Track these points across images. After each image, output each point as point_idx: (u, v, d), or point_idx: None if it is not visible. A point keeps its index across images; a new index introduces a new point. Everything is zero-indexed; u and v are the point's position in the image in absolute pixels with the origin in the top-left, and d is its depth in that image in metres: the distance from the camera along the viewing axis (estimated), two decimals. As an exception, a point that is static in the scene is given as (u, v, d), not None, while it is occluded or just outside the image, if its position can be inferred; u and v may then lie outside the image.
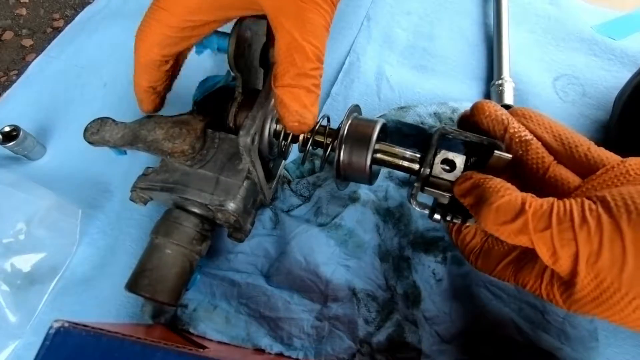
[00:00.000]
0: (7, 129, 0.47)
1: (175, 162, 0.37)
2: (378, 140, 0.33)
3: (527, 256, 0.26)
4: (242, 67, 0.34)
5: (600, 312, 0.22)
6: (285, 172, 0.47)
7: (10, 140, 0.46)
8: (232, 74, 0.36)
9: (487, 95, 0.53)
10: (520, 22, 0.58)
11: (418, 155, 0.31)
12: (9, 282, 0.40)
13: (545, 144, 0.28)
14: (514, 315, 0.37)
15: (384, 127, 0.34)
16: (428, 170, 0.30)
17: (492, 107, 0.29)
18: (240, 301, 0.40)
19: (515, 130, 0.28)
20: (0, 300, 0.39)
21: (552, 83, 0.55)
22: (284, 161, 0.44)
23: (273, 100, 0.34)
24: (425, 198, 0.31)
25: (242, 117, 0.36)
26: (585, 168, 0.26)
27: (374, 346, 0.37)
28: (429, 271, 0.40)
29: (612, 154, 0.26)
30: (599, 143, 0.28)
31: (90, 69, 0.58)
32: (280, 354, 0.37)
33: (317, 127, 0.35)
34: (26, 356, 0.39)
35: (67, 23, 0.65)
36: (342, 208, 0.43)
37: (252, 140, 0.31)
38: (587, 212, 0.21)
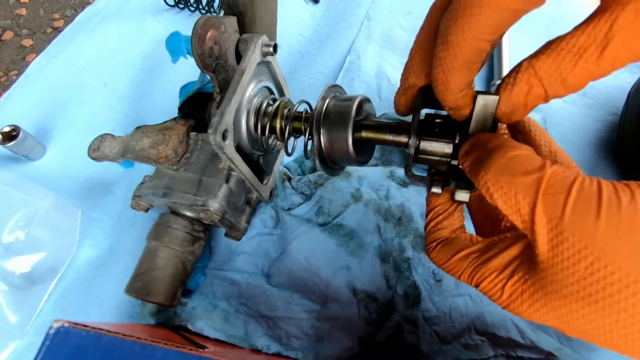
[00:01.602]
0: (7, 129, 0.47)
1: (163, 167, 0.37)
2: (360, 116, 0.29)
3: (494, 249, 0.23)
4: (215, 66, 0.34)
5: (593, 312, 0.18)
6: (284, 169, 0.46)
7: (10, 140, 0.46)
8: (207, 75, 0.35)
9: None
10: (521, 22, 0.58)
11: (406, 124, 0.28)
12: (9, 282, 0.40)
13: (540, 154, 0.27)
14: (514, 316, 0.37)
15: (364, 103, 0.30)
16: (418, 138, 0.26)
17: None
18: (240, 301, 0.40)
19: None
20: (1, 301, 0.39)
21: (552, 83, 0.54)
22: (279, 157, 0.43)
23: (248, 93, 0.33)
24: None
25: None
26: None
27: (374, 347, 0.37)
28: (428, 272, 0.40)
29: None
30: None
31: (90, 68, 0.58)
32: (278, 354, 0.37)
33: (293, 113, 0.33)
34: (28, 356, 0.39)
35: (67, 23, 0.64)
36: (344, 207, 0.43)
37: (223, 137, 0.30)
38: (620, 190, 0.18)
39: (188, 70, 0.55)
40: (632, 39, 0.17)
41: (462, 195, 0.25)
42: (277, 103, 0.35)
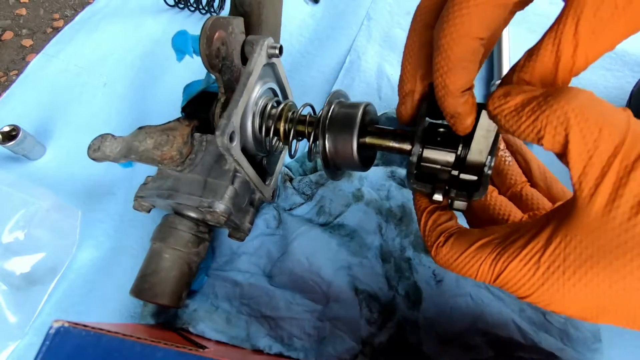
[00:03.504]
0: (7, 128, 0.47)
1: (167, 168, 0.37)
2: (364, 123, 0.30)
3: (521, 230, 0.21)
4: (221, 66, 0.34)
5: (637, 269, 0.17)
6: (286, 169, 0.46)
7: (10, 140, 0.46)
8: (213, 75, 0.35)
9: (488, 95, 0.54)
10: (521, 22, 0.58)
11: (409, 131, 0.29)
12: (8, 283, 0.40)
13: (528, 170, 0.29)
14: (515, 316, 0.37)
15: (369, 109, 0.31)
16: (421, 146, 0.26)
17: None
18: (242, 301, 0.40)
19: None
20: (1, 301, 0.39)
21: (552, 83, 0.54)
22: (282, 158, 0.43)
23: (254, 94, 0.33)
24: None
25: None
26: (560, 200, 0.28)
27: (376, 347, 0.37)
28: (429, 272, 0.40)
29: None
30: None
31: (90, 68, 0.58)
32: (280, 355, 0.37)
33: (297, 117, 0.34)
34: (28, 356, 0.39)
35: (67, 23, 0.64)
36: (345, 207, 0.43)
37: (230, 139, 0.30)
38: None
39: (188, 71, 0.55)
40: (598, 33, 0.18)
41: (461, 204, 0.25)
42: (282, 106, 0.35)
